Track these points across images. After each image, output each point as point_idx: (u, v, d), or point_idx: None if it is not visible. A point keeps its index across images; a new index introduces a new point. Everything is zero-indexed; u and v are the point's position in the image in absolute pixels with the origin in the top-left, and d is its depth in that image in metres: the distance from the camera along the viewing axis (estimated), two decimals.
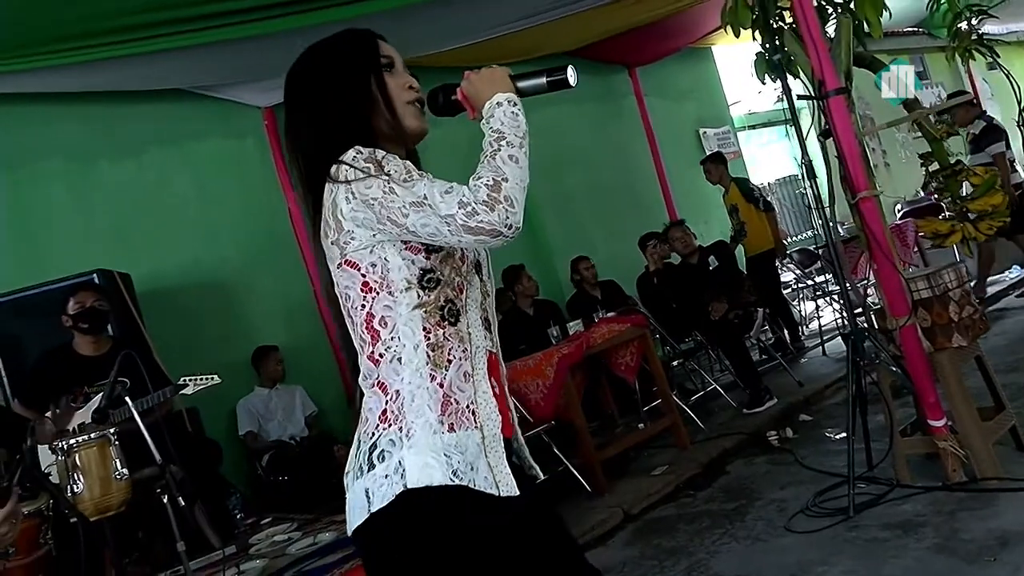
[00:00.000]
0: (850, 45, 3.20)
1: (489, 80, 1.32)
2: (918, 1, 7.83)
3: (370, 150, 1.25)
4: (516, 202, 1.17)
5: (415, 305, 1.25)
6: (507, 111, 1.27)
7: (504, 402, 1.32)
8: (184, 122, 5.51)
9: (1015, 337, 5.12)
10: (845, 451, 4.01)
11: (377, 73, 1.36)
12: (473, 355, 1.28)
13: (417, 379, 1.23)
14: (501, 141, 1.23)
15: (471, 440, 1.22)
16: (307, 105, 1.38)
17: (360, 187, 1.22)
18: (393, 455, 1.20)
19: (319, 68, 1.39)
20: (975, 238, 3.30)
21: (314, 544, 3.16)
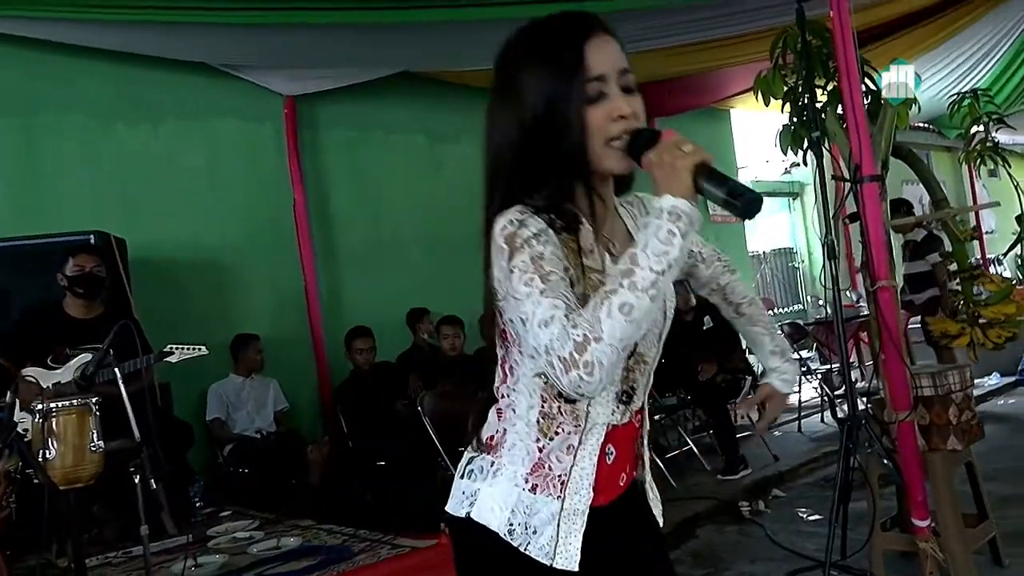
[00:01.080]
0: (892, 135, 3.22)
1: (668, 170, 1.11)
2: (933, 99, 8.04)
3: (518, 223, 1.12)
4: (598, 368, 1.03)
5: (536, 372, 1.21)
6: (662, 227, 1.07)
7: (620, 466, 1.28)
8: (205, 98, 5.46)
9: (994, 445, 5.15)
10: (816, 533, 4.02)
11: (574, 102, 1.16)
12: (586, 431, 1.23)
13: (524, 432, 1.23)
14: (626, 279, 1.06)
15: (547, 507, 1.21)
16: (491, 118, 1.24)
17: (496, 267, 1.14)
18: (476, 481, 1.25)
19: (509, 74, 1.22)
20: (983, 344, 3.31)
21: (278, 548, 3.07)
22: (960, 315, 3.43)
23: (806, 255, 10.25)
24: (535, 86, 1.17)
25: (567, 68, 1.16)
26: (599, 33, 1.19)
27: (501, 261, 1.12)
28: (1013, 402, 6.86)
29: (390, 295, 6.05)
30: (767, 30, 5.10)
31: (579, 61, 1.16)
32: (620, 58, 1.20)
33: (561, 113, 1.16)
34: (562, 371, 1.04)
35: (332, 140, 6.12)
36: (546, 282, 1.09)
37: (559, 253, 1.13)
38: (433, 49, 5.50)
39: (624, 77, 1.19)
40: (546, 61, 1.17)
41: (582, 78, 1.16)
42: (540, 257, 1.10)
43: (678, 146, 1.12)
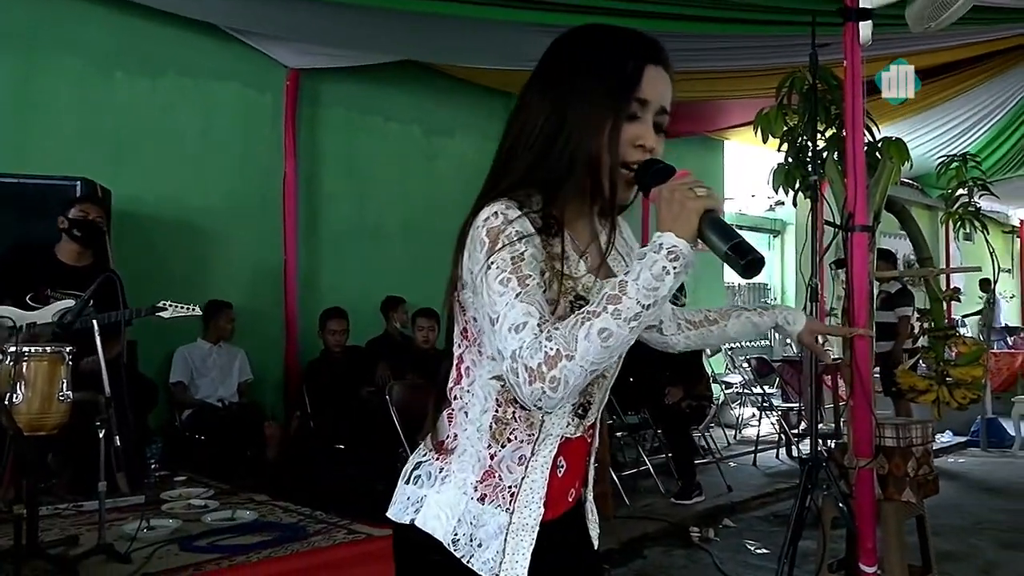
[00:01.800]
0: (887, 189, 3.28)
1: (677, 209, 1.09)
2: (922, 157, 8.20)
3: (503, 219, 1.11)
4: (563, 386, 1.01)
5: (494, 375, 1.18)
6: (658, 263, 1.05)
7: (569, 480, 1.26)
8: (208, 59, 5.40)
9: (941, 501, 5.25)
10: (762, 567, 4.09)
11: (610, 116, 1.16)
12: (539, 441, 1.20)
13: (475, 437, 1.20)
14: (611, 304, 1.04)
15: (494, 520, 1.17)
16: (530, 99, 1.21)
17: (472, 257, 1.13)
18: (423, 486, 1.22)
19: (565, 63, 1.21)
20: (947, 403, 3.39)
21: (232, 519, 3.05)
22: (929, 373, 3.50)
23: (780, 292, 10.39)
24: (587, 84, 1.16)
25: (625, 79, 1.16)
26: (662, 64, 1.19)
27: (479, 254, 1.11)
28: (963, 461, 7.02)
29: (367, 280, 6.04)
30: (772, 68, 5.18)
31: (637, 78, 1.16)
32: (667, 96, 1.20)
33: (600, 117, 1.15)
34: (526, 381, 1.02)
35: (330, 118, 6.09)
36: (523, 285, 1.07)
37: (539, 256, 1.12)
38: (440, 41, 5.50)
39: (662, 116, 1.20)
40: (608, 65, 1.17)
41: (632, 93, 1.16)
42: (520, 258, 1.09)
43: (692, 187, 1.11)
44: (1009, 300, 13.76)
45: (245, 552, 2.68)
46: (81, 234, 3.76)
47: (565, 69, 1.20)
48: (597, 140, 1.16)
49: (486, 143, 6.98)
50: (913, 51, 5.26)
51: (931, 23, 3.47)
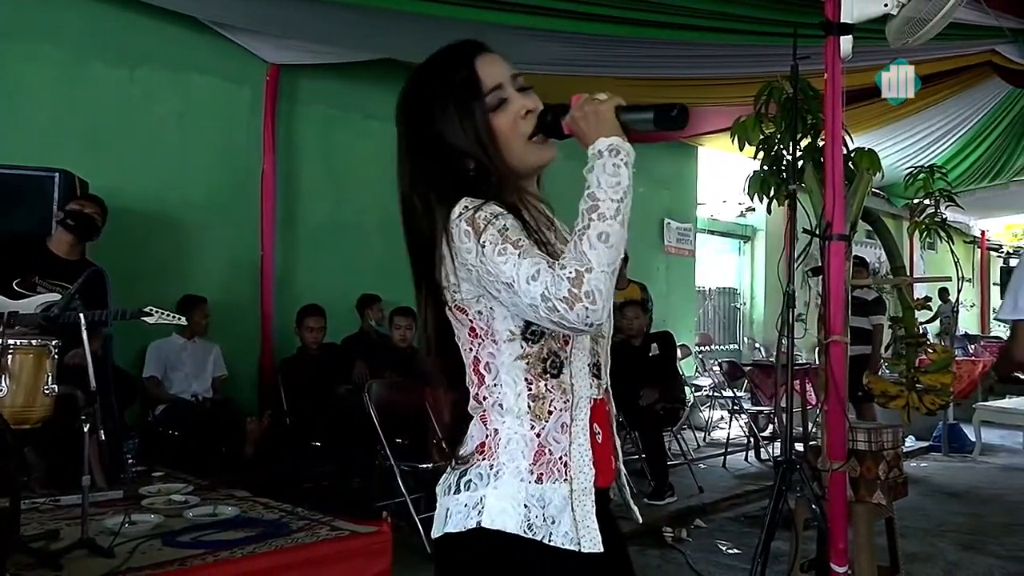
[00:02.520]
0: (863, 199, 3.37)
1: (594, 118, 1.21)
2: (890, 167, 8.38)
3: (475, 208, 1.20)
4: (599, 295, 1.11)
5: (517, 356, 1.24)
6: (607, 164, 1.17)
7: (607, 447, 1.31)
8: (188, 51, 5.36)
9: (904, 504, 5.40)
10: (734, 567, 4.17)
11: (480, 119, 1.26)
12: (575, 406, 1.25)
13: (516, 425, 1.24)
14: (593, 213, 1.15)
15: (558, 493, 1.21)
16: (411, 157, 1.33)
17: (462, 250, 1.20)
18: (479, 489, 1.23)
19: (415, 113, 1.32)
20: (917, 408, 3.49)
21: (214, 515, 3.04)
22: (899, 379, 3.59)
23: (748, 298, 10.54)
24: (444, 110, 1.27)
25: (465, 85, 1.27)
26: (484, 52, 1.31)
27: (468, 243, 1.18)
28: (925, 466, 7.19)
29: (344, 278, 6.03)
30: (750, 77, 5.27)
31: (475, 78, 1.27)
32: (508, 67, 1.31)
33: (472, 126, 1.26)
34: (567, 309, 1.10)
35: (309, 115, 6.07)
36: (518, 247, 1.16)
37: (518, 225, 1.20)
38: (422, 41, 5.45)
39: (516, 80, 1.30)
40: (445, 85, 1.28)
41: (481, 92, 1.27)
42: (505, 228, 1.18)
43: (594, 97, 1.23)
44: (969, 309, 14.08)
45: (229, 548, 2.68)
46: (74, 224, 3.80)
47: (423, 115, 1.30)
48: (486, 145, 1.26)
49: None
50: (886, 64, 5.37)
51: (909, 38, 3.56)
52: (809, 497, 3.38)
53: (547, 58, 5.48)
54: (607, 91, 1.23)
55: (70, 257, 3.86)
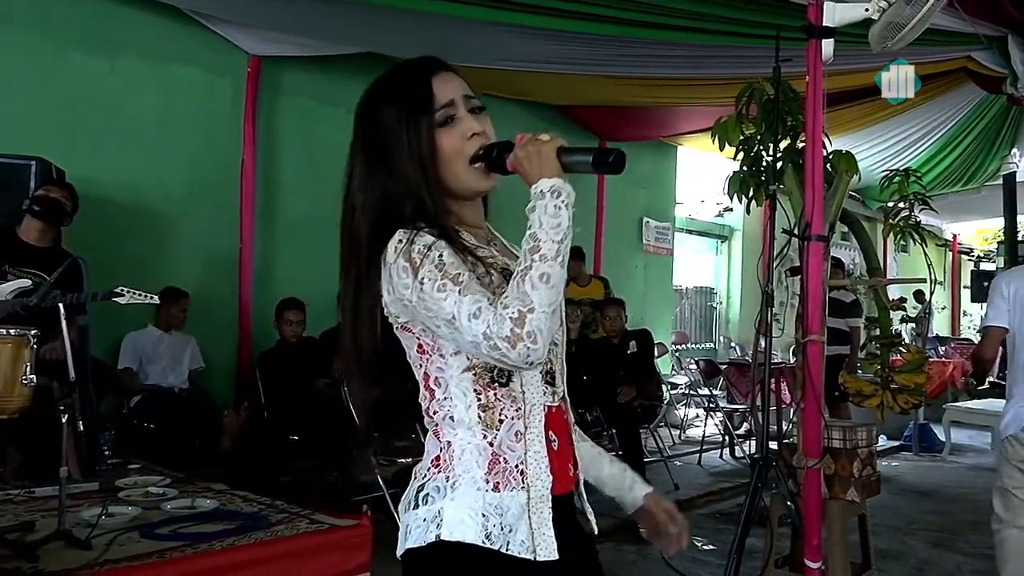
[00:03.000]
0: (842, 201, 3.41)
1: (536, 159, 1.22)
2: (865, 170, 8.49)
3: (408, 240, 1.21)
4: (539, 335, 1.12)
5: (465, 368, 1.24)
6: (548, 205, 1.18)
7: (564, 455, 1.32)
8: (169, 42, 5.31)
9: (875, 502, 5.48)
10: (709, 563, 4.21)
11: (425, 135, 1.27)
12: (527, 413, 1.26)
13: (468, 436, 1.25)
14: (535, 254, 1.16)
15: (515, 501, 1.22)
16: (357, 160, 1.34)
17: (398, 286, 1.21)
18: (436, 502, 1.23)
19: (367, 120, 1.32)
20: (891, 407, 3.54)
21: (192, 508, 3.03)
22: (874, 378, 3.65)
23: (725, 297, 10.63)
24: (388, 122, 1.28)
25: (417, 99, 1.28)
26: (443, 71, 1.32)
27: (406, 279, 1.19)
28: (896, 464, 7.30)
29: (323, 272, 5.89)
30: (731, 79, 5.32)
31: (428, 94, 1.28)
32: (464, 87, 1.32)
33: (415, 140, 1.27)
34: (508, 348, 1.12)
35: (290, 107, 6.04)
36: (457, 283, 1.16)
37: (454, 254, 1.20)
38: (405, 36, 5.50)
39: (470, 101, 1.31)
40: (399, 97, 1.29)
41: (431, 107, 1.28)
42: (442, 262, 1.18)
43: (537, 138, 1.24)
44: (940, 311, 14.30)
45: (208, 540, 2.67)
46: (40, 209, 3.74)
47: (374, 122, 1.31)
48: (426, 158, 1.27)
49: None
50: (865, 68, 5.45)
51: (888, 42, 3.61)
52: (784, 494, 3.42)
53: (531, 56, 5.49)
54: (550, 133, 1.25)
55: (41, 244, 3.81)
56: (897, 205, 6.13)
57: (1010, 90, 5.67)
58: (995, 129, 7.74)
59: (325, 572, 2.73)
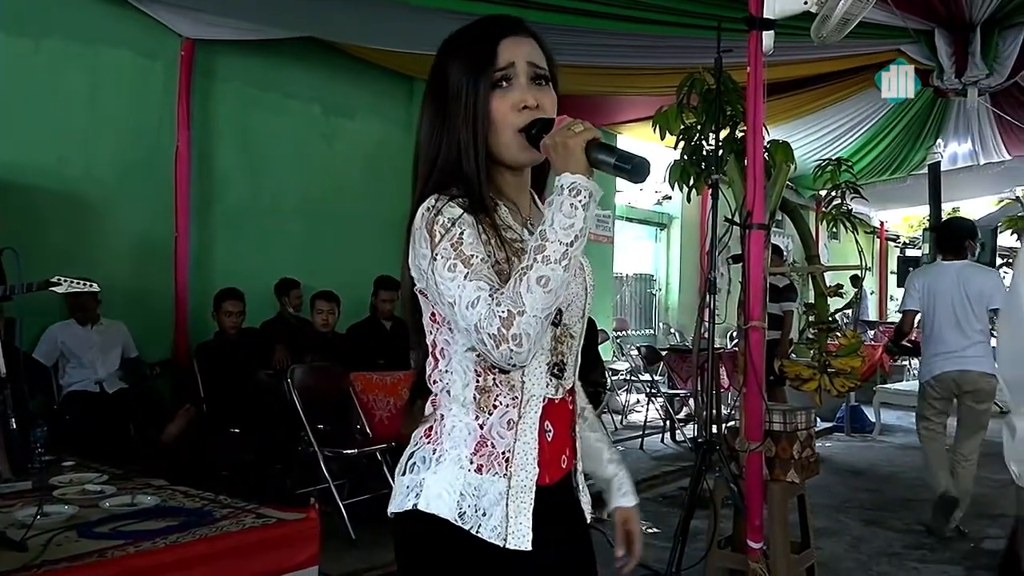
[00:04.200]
0: (782, 190, 3.49)
1: (562, 150, 1.18)
2: (798, 160, 8.71)
3: (435, 210, 1.19)
4: (526, 339, 1.10)
5: (469, 347, 1.23)
6: (564, 203, 1.15)
7: (559, 446, 1.31)
8: (97, 23, 5.12)
9: (810, 482, 5.66)
10: (654, 545, 4.28)
11: (480, 94, 1.24)
12: (523, 403, 1.26)
13: (461, 413, 1.26)
14: (539, 254, 1.13)
15: (494, 487, 1.23)
16: (424, 112, 1.32)
17: (417, 254, 1.22)
18: (420, 472, 1.26)
19: (436, 73, 1.30)
20: (828, 391, 3.65)
21: (132, 504, 2.93)
22: (812, 362, 3.75)
23: (664, 284, 10.78)
24: (452, 77, 1.26)
25: (479, 58, 1.25)
26: (517, 33, 1.28)
27: (424, 249, 1.19)
28: (829, 445, 7.53)
29: (262, 261, 5.89)
30: (671, 68, 5.38)
31: (492, 53, 1.25)
32: (534, 54, 1.28)
33: (470, 100, 1.24)
34: (492, 347, 1.11)
35: (226, 92, 5.89)
36: (468, 265, 1.15)
37: (476, 234, 1.19)
38: (342, 20, 5.41)
39: (535, 69, 1.27)
40: (463, 54, 1.27)
41: (491, 67, 1.25)
42: (460, 242, 1.16)
43: (569, 127, 1.19)
44: (869, 295, 14.77)
45: (151, 538, 2.58)
46: None
47: (439, 75, 1.30)
48: (478, 120, 1.25)
49: (387, 126, 6.94)
50: (803, 59, 5.58)
51: (824, 31, 3.68)
52: (727, 477, 3.51)
53: None
54: (585, 123, 1.20)
55: None
56: (830, 193, 6.31)
57: (936, 82, 5.88)
58: (921, 120, 8.01)
59: (273, 566, 2.68)
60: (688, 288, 10.34)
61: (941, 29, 5.47)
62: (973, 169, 9.01)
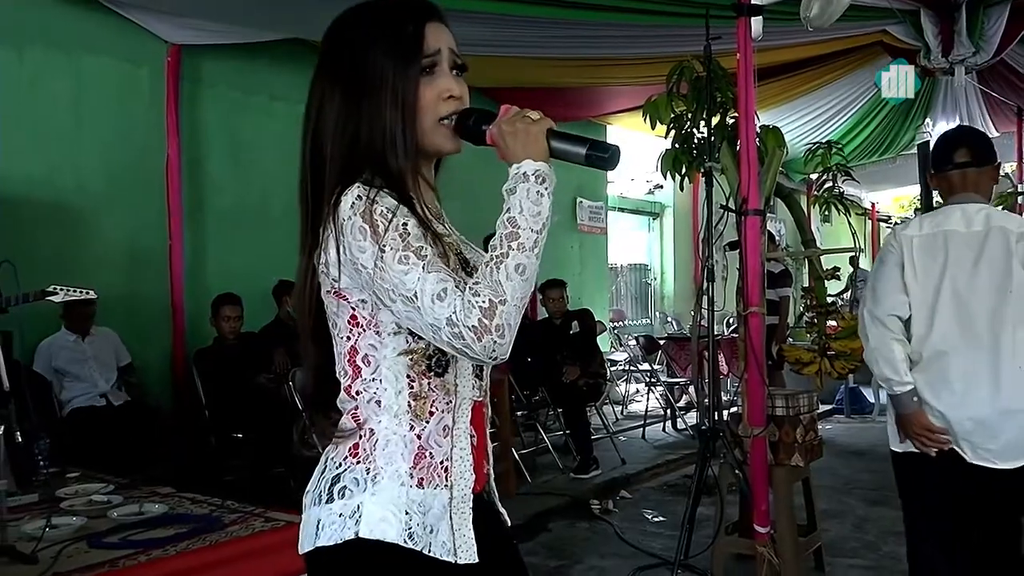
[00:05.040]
0: (776, 175, 3.50)
1: (523, 137, 1.14)
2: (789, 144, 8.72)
3: (369, 200, 1.11)
4: (507, 329, 1.05)
5: (402, 351, 1.16)
6: (531, 190, 1.10)
7: (482, 453, 1.26)
8: (81, 30, 5.07)
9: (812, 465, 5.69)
10: (660, 534, 4.30)
11: (410, 79, 1.18)
12: (457, 407, 1.19)
13: (394, 425, 1.16)
14: (512, 241, 1.08)
15: (438, 500, 1.16)
16: (320, 90, 1.21)
17: (353, 248, 1.11)
18: (354, 496, 1.15)
19: (347, 55, 1.20)
20: (829, 373, 3.67)
21: (140, 513, 2.92)
22: (812, 345, 3.77)
23: (659, 273, 10.79)
24: (373, 58, 1.18)
25: (408, 41, 1.18)
26: (440, 19, 1.23)
27: (363, 242, 1.09)
28: (830, 428, 7.56)
29: (257, 265, 5.86)
30: (660, 57, 5.38)
31: (419, 36, 1.19)
32: (453, 41, 1.24)
33: (399, 85, 1.17)
34: (474, 340, 1.04)
35: (213, 97, 5.85)
36: (421, 257, 1.08)
37: (417, 224, 1.12)
38: (327, 20, 5.39)
39: (455, 59, 1.22)
40: (388, 35, 1.19)
41: (420, 52, 1.19)
42: (406, 231, 1.10)
43: (525, 115, 1.16)
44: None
45: (161, 546, 2.58)
46: None
47: (350, 56, 1.21)
48: (406, 105, 1.18)
49: None
50: (791, 44, 5.58)
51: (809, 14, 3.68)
52: (732, 463, 3.52)
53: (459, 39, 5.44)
54: (537, 110, 1.17)
55: None
56: (822, 176, 6.32)
57: (923, 62, 5.89)
58: (909, 101, 8.01)
59: (285, 570, 2.68)
60: (683, 276, 10.35)
61: (927, 9, 5.48)
62: None
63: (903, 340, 2.42)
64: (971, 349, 2.33)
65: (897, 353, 2.40)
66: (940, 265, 2.40)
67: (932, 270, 2.41)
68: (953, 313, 2.36)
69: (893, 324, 2.43)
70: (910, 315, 2.43)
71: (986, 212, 2.43)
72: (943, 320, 2.37)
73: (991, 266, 2.36)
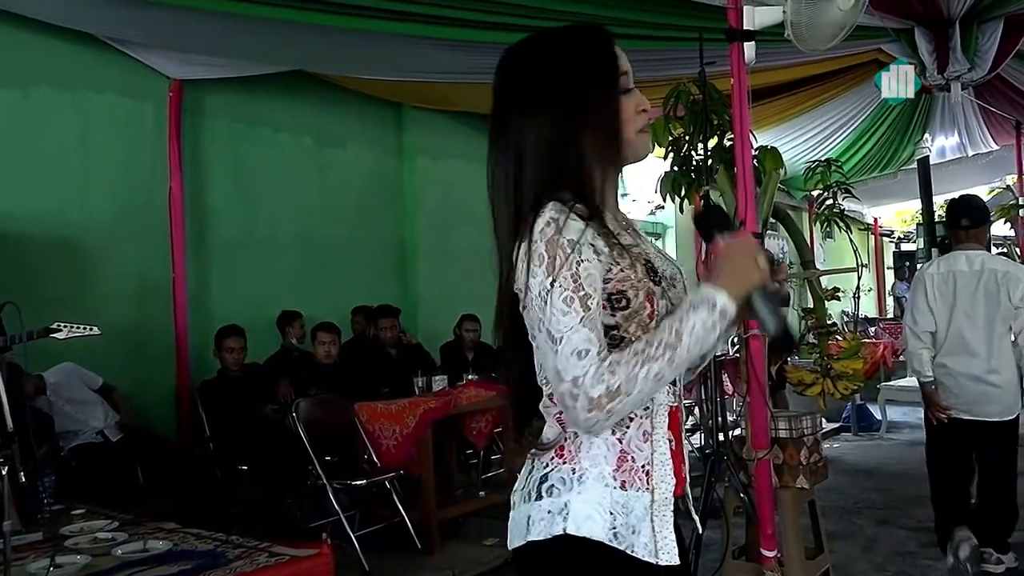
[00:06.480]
0: (773, 195, 3.51)
1: (739, 273, 1.19)
2: (788, 162, 8.74)
3: (557, 228, 1.15)
4: (616, 416, 1.13)
5: None
6: (708, 320, 1.15)
7: (680, 457, 1.29)
8: (85, 69, 5.14)
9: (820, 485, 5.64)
10: None
11: (614, 98, 1.26)
12: (654, 413, 1.24)
13: None
14: (669, 351, 1.13)
15: (640, 502, 1.20)
16: (520, 122, 1.26)
17: (534, 266, 1.16)
18: (562, 494, 1.20)
19: (545, 73, 1.26)
20: (832, 394, 3.66)
21: (145, 551, 2.93)
22: (814, 366, 3.76)
23: None
24: (579, 79, 1.25)
25: (608, 62, 1.28)
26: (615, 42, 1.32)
27: (539, 269, 1.15)
28: (837, 446, 7.52)
29: (261, 295, 5.90)
30: (656, 81, 5.41)
31: (615, 57, 1.28)
32: None
33: (607, 102, 1.26)
34: (584, 407, 1.10)
35: (216, 130, 5.92)
36: (585, 308, 1.13)
37: (594, 257, 1.17)
38: (329, 51, 5.45)
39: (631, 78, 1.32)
40: (588, 57, 1.27)
41: (618, 72, 1.28)
42: (578, 275, 1.14)
43: (755, 256, 1.21)
44: (867, 293, 14.78)
45: None
46: None
47: (547, 80, 1.27)
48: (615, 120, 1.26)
49: (378, 153, 6.98)
50: (786, 64, 5.62)
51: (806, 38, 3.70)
52: (737, 486, 3.51)
53: (456, 67, 5.49)
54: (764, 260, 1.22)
55: None
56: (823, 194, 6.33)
57: (919, 79, 5.92)
58: (907, 117, 8.07)
59: None
60: None
61: (920, 27, 5.52)
62: (962, 161, 9.07)
63: (930, 348, 3.73)
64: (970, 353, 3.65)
65: (925, 356, 3.73)
66: (951, 295, 3.69)
67: (947, 298, 3.70)
68: (960, 328, 3.67)
69: (926, 337, 3.74)
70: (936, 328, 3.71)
71: (983, 257, 3.72)
72: (954, 333, 3.68)
73: (986, 295, 3.63)
